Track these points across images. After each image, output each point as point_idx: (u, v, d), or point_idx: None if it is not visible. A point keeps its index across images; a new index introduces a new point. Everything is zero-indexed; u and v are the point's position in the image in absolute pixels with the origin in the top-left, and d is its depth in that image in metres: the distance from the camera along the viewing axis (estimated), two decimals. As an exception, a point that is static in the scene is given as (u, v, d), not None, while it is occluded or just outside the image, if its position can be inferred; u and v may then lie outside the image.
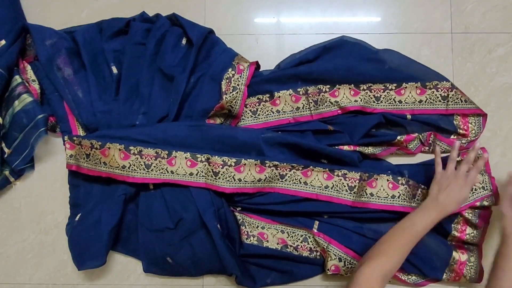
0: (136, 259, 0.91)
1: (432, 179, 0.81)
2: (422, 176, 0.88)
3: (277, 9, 0.97)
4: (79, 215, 0.87)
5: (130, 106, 0.89)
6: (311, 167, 0.85)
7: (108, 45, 0.91)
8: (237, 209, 0.89)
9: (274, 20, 0.97)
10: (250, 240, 0.87)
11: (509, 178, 0.80)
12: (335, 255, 0.84)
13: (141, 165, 0.83)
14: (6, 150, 0.90)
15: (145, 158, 0.83)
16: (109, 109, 0.89)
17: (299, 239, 0.87)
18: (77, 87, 0.90)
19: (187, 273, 0.89)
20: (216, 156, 0.84)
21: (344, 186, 0.85)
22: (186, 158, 0.84)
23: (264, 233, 0.88)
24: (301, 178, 0.85)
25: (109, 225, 0.84)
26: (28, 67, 0.91)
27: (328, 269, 0.84)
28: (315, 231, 0.86)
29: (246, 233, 0.87)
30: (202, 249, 0.84)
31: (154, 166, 0.84)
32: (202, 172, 0.84)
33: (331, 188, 0.85)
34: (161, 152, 0.84)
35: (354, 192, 0.85)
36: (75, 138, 0.85)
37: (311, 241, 0.87)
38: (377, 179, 0.86)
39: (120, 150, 0.83)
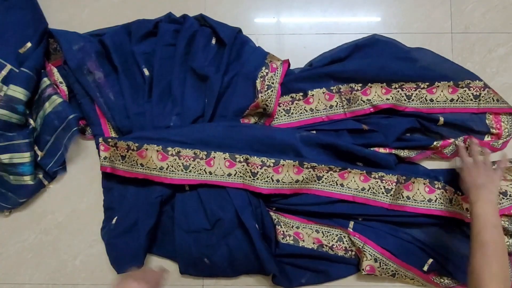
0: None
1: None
2: (457, 182, 0.87)
3: (277, 9, 0.97)
4: (115, 219, 0.87)
5: (163, 108, 0.89)
6: (348, 169, 0.85)
7: (138, 48, 0.90)
8: (272, 208, 0.89)
9: (274, 20, 0.97)
10: (286, 240, 0.86)
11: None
12: (371, 256, 0.84)
13: (179, 166, 0.83)
14: (39, 153, 0.89)
15: (183, 159, 0.83)
16: (143, 111, 0.88)
17: (334, 239, 0.87)
18: (109, 90, 0.88)
19: (223, 274, 0.88)
20: (255, 157, 0.83)
21: (381, 189, 0.85)
22: (224, 158, 0.84)
23: (299, 233, 0.87)
24: (337, 180, 0.85)
25: (146, 228, 0.84)
26: (55, 70, 0.91)
27: (363, 269, 0.84)
28: (351, 230, 0.86)
29: (282, 232, 0.86)
30: (239, 249, 0.84)
31: (193, 167, 0.83)
32: (240, 172, 0.84)
33: (368, 190, 0.85)
34: (200, 153, 0.83)
35: (390, 195, 0.85)
36: (109, 140, 0.85)
37: (346, 241, 0.87)
38: (414, 182, 0.86)
39: (157, 151, 0.83)
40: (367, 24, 0.96)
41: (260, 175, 0.83)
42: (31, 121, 0.88)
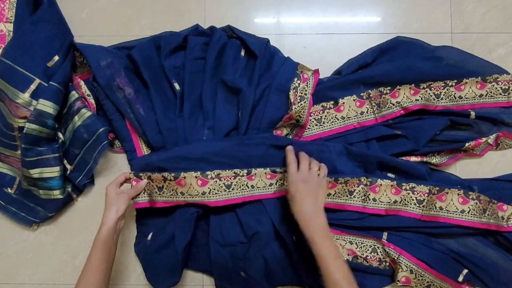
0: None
1: (503, 195, 0.83)
2: (492, 191, 0.87)
3: (277, 9, 0.97)
4: (150, 234, 0.87)
5: (195, 122, 0.88)
6: (379, 180, 0.85)
7: (168, 62, 0.89)
8: None
9: (274, 20, 0.97)
10: None
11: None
12: (407, 267, 0.83)
13: (221, 186, 0.82)
14: (68, 166, 0.89)
15: (224, 179, 0.82)
16: (175, 126, 0.87)
17: (368, 250, 0.87)
18: (139, 105, 0.87)
19: (259, 287, 0.86)
20: None
21: (413, 200, 0.85)
22: (265, 173, 0.84)
23: None
24: (369, 194, 0.85)
25: (183, 243, 0.83)
26: (82, 82, 0.90)
27: (398, 281, 0.84)
28: (385, 241, 0.86)
29: None
30: (276, 261, 0.83)
31: (235, 185, 0.83)
32: (281, 180, 0.84)
33: (400, 202, 0.85)
34: (240, 172, 0.83)
35: (423, 206, 0.85)
36: (141, 174, 0.82)
37: (380, 252, 0.87)
38: (447, 193, 0.85)
39: (196, 177, 0.81)
40: (367, 24, 0.96)
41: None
42: (60, 135, 0.87)
